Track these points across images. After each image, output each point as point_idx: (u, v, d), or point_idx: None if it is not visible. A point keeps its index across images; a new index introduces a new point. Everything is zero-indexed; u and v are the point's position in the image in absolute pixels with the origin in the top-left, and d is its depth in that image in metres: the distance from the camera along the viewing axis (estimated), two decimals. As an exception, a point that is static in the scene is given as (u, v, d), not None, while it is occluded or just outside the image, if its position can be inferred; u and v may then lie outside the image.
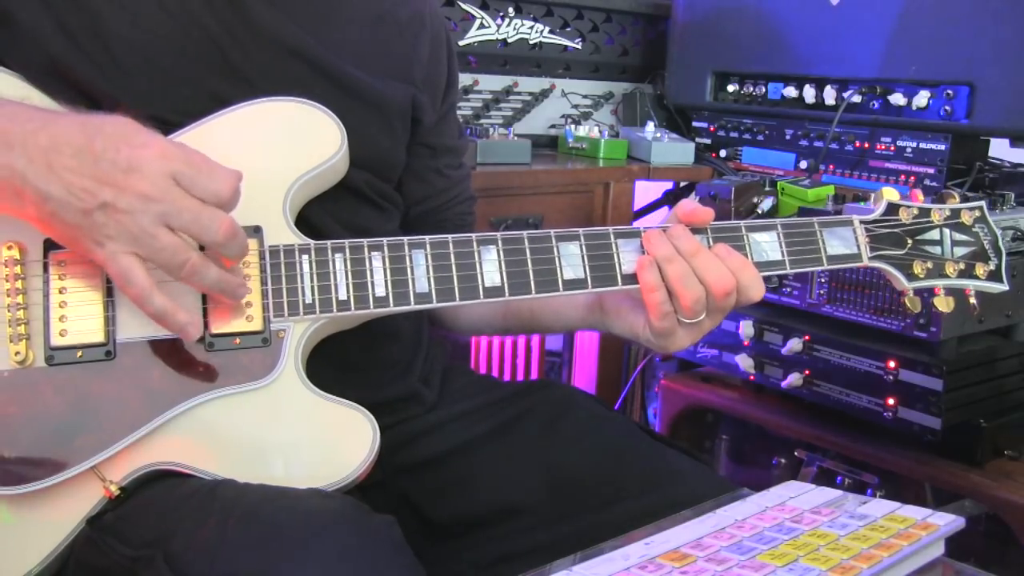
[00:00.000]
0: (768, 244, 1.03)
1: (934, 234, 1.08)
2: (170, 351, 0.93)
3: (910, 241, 1.07)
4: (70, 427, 0.91)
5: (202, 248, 0.89)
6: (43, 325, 0.93)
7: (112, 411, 0.92)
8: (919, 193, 1.11)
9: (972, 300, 1.11)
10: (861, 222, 1.06)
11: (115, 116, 0.88)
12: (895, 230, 1.07)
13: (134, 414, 0.92)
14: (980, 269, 1.09)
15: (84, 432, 0.91)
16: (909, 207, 1.08)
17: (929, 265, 1.07)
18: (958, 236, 1.09)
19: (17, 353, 0.92)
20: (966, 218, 1.10)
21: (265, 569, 0.78)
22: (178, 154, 0.86)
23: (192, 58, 1.01)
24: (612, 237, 1.01)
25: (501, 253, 0.99)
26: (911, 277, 1.07)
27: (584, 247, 1.00)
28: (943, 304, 1.09)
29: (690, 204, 1.02)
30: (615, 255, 1.00)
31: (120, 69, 0.99)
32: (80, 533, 0.92)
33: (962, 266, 1.08)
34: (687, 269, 0.97)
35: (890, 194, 1.09)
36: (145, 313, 0.89)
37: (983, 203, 1.12)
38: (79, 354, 0.92)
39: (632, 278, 1.00)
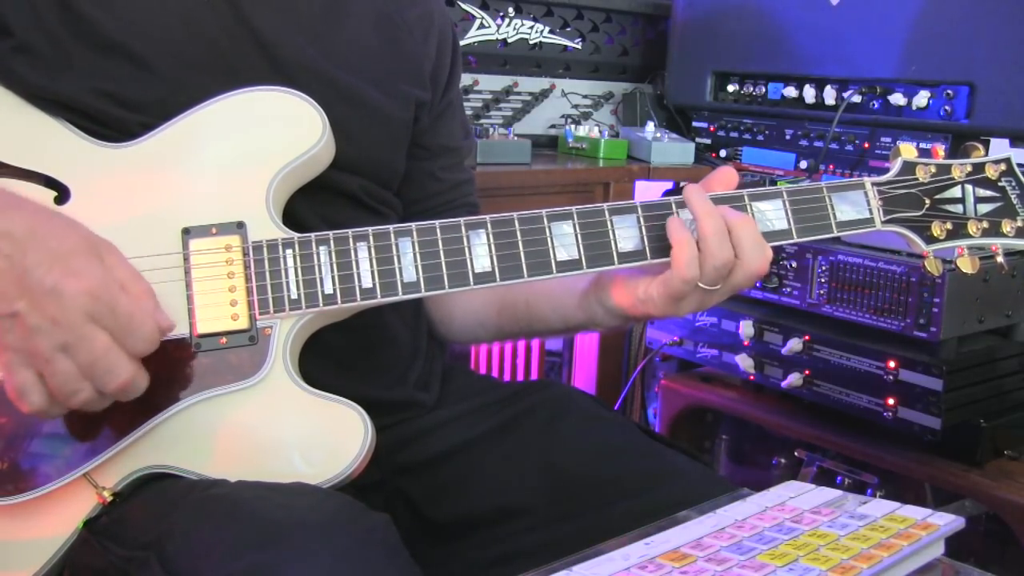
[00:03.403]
0: (773, 213, 0.99)
1: (955, 192, 1.02)
2: (157, 355, 0.90)
3: (928, 201, 1.01)
4: (60, 435, 0.91)
5: None
6: None
7: (102, 417, 0.91)
8: (940, 148, 1.05)
9: (1000, 259, 1.05)
10: (873, 184, 1.01)
11: (70, 228, 0.85)
12: (912, 190, 1.01)
13: (124, 419, 0.91)
14: (1007, 226, 1.03)
15: (75, 439, 0.91)
16: (927, 164, 1.02)
17: (949, 226, 1.01)
18: (982, 192, 1.03)
19: None
20: (991, 172, 1.03)
21: (260, 569, 0.77)
22: (106, 298, 0.82)
23: (192, 64, 1.00)
24: (607, 214, 0.97)
25: (491, 237, 0.96)
26: (930, 240, 1.02)
27: (577, 226, 0.97)
28: (966, 265, 1.03)
29: (730, 171, 0.99)
30: (610, 232, 0.97)
31: (117, 76, 0.98)
32: (77, 535, 0.92)
33: (986, 224, 1.02)
34: (723, 227, 0.94)
35: (907, 151, 1.03)
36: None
37: (1010, 155, 1.05)
38: None
39: (629, 256, 0.97)
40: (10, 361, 0.83)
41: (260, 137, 0.98)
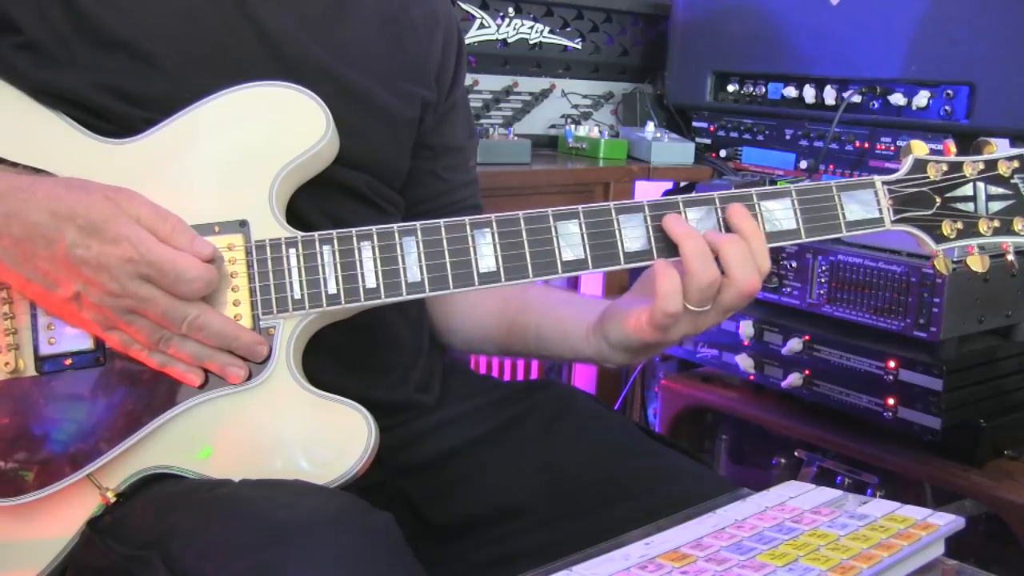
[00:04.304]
0: (781, 212, 0.98)
1: (966, 189, 1.00)
2: None
3: (939, 199, 1.00)
4: (64, 435, 0.91)
5: None
6: (31, 334, 0.92)
7: (105, 417, 0.91)
8: (951, 144, 1.03)
9: (1010, 257, 1.03)
10: (884, 183, 1.00)
11: (90, 193, 0.88)
12: (923, 189, 1.00)
13: (127, 419, 0.92)
14: (1019, 224, 1.01)
15: (78, 440, 0.91)
16: (938, 162, 1.01)
17: (960, 225, 1.00)
18: (994, 190, 1.01)
19: (7, 364, 0.91)
20: (1003, 169, 1.01)
21: (264, 569, 0.77)
22: (147, 257, 0.86)
23: (196, 60, 1.00)
24: (613, 213, 0.96)
25: (496, 236, 0.95)
26: (940, 239, 1.00)
27: (584, 225, 0.96)
28: (977, 263, 1.02)
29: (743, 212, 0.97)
30: (617, 232, 0.96)
31: (121, 71, 0.98)
32: (80, 535, 0.92)
33: (997, 223, 1.01)
34: (704, 247, 0.93)
35: (918, 148, 1.01)
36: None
37: (1023, 152, 1.03)
38: (68, 361, 0.92)
39: (635, 256, 0.96)
40: (96, 329, 0.90)
41: (263, 133, 0.97)
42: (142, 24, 0.99)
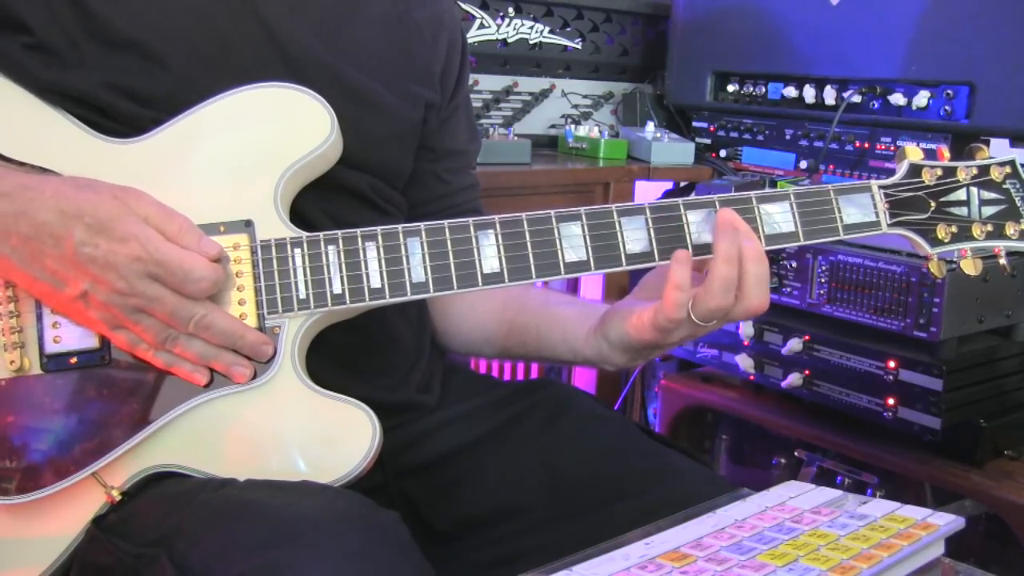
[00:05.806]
0: (780, 215, 0.99)
1: (960, 194, 1.02)
2: None
3: (933, 204, 1.01)
4: (69, 434, 0.91)
5: None
6: (36, 332, 0.92)
7: (111, 416, 0.92)
8: (945, 150, 1.04)
9: (1003, 261, 1.05)
10: (880, 187, 1.01)
11: (98, 192, 0.88)
12: (918, 193, 1.01)
13: (133, 418, 0.92)
14: (1010, 228, 1.02)
15: (83, 438, 0.91)
16: (933, 167, 1.02)
17: (954, 229, 1.01)
18: (987, 194, 1.03)
19: (12, 362, 0.92)
20: (996, 174, 1.03)
21: (272, 568, 0.77)
22: (155, 256, 0.87)
23: (203, 60, 1.00)
24: (615, 215, 0.97)
25: (499, 237, 0.96)
26: (935, 242, 1.01)
27: (586, 227, 0.97)
28: (969, 267, 1.03)
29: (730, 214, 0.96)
30: (618, 233, 0.97)
31: (129, 70, 0.98)
32: (85, 532, 0.92)
33: (990, 227, 1.02)
34: (734, 278, 0.93)
35: (913, 153, 1.03)
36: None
37: (1015, 157, 1.04)
38: (73, 360, 0.92)
39: (637, 257, 0.97)
40: (103, 328, 0.91)
41: (268, 134, 0.98)
42: (152, 24, 0.99)
